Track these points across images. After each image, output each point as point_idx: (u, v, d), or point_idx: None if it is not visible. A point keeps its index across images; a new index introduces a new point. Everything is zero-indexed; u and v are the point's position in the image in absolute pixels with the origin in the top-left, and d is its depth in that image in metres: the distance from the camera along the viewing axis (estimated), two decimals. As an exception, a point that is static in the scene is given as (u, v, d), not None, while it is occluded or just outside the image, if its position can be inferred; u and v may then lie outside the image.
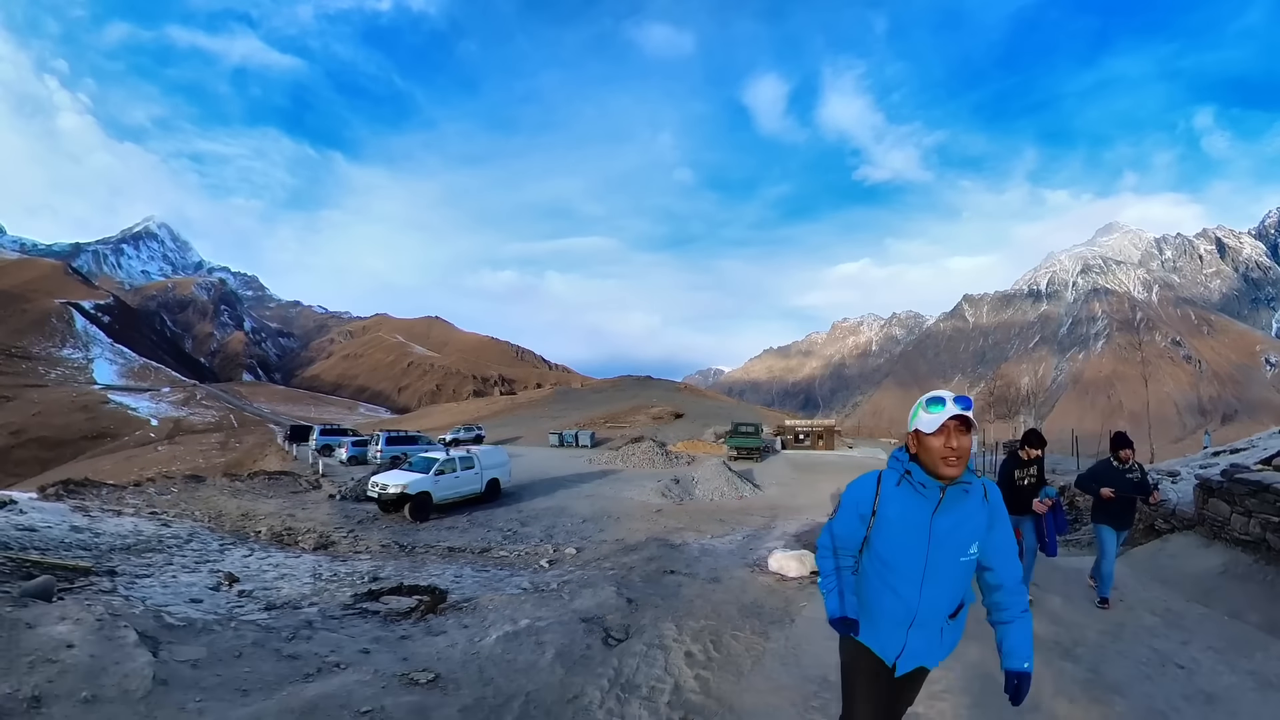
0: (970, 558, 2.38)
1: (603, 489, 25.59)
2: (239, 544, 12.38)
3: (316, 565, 10.68)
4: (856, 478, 2.64)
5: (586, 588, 7.57)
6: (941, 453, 2.29)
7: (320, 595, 8.12)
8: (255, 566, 10.24)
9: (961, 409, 2.30)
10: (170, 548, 10.87)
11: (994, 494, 2.47)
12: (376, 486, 18.61)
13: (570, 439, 48.36)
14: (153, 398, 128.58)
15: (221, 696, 4.12)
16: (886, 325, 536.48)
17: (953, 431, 2.29)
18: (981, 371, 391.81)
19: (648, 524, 18.29)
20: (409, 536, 16.08)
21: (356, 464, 32.39)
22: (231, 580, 8.57)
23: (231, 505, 18.23)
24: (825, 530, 2.67)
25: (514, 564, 12.11)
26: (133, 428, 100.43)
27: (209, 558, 10.58)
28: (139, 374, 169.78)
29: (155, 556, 9.96)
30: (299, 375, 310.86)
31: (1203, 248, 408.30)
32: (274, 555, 11.61)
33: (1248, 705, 4.51)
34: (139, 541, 10.81)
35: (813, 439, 46.01)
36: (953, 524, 2.35)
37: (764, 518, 18.41)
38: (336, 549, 13.57)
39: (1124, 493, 6.17)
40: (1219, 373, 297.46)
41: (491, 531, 17.54)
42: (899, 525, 2.40)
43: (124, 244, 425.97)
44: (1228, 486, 7.30)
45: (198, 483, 22.24)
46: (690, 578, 8.39)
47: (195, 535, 12.34)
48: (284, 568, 10.27)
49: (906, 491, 2.42)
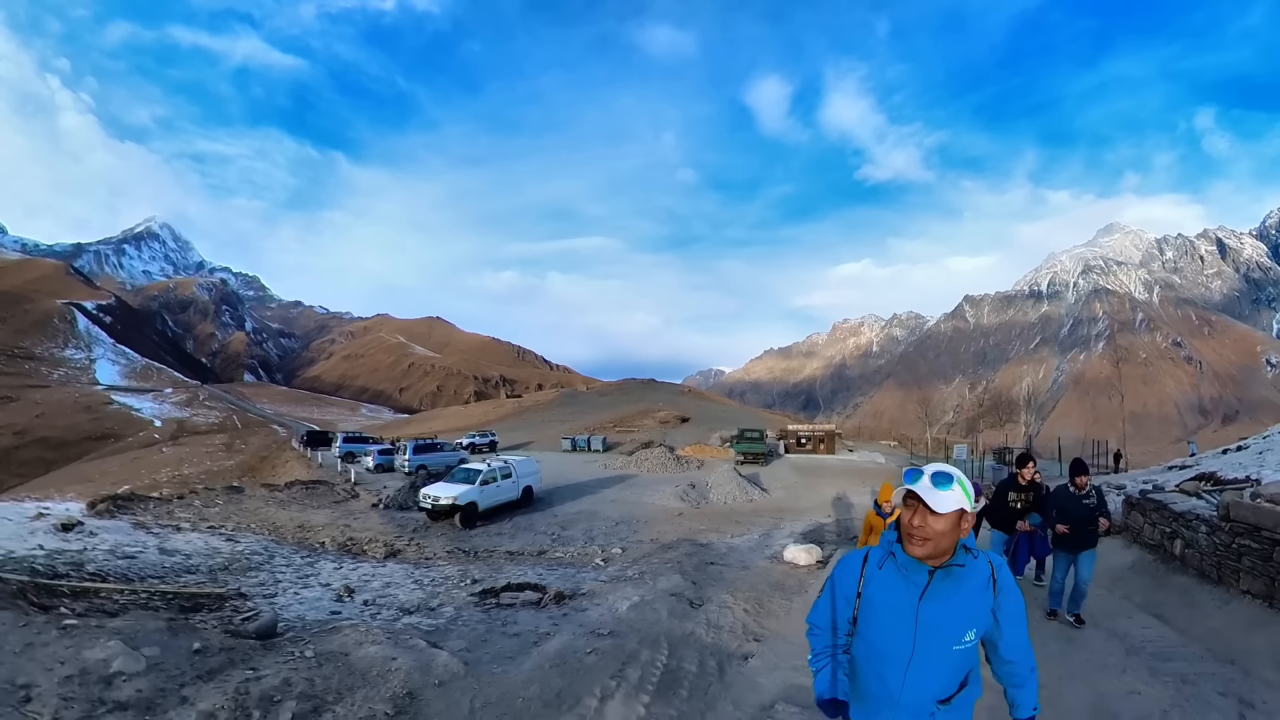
0: (966, 646, 2.19)
1: (624, 494, 26.64)
2: (316, 556, 12.77)
3: (407, 573, 11.36)
4: (844, 555, 2.50)
5: (660, 575, 9.85)
6: (906, 528, 2.15)
7: (437, 597, 9.25)
8: (355, 578, 10.76)
9: (926, 487, 2.11)
10: (264, 565, 11.04)
11: (1003, 576, 2.27)
12: (428, 498, 19.71)
13: (582, 444, 48.98)
14: (155, 398, 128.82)
15: (503, 663, 5.88)
16: (887, 326, 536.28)
17: (918, 509, 2.11)
18: (982, 373, 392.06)
19: (673, 526, 19.73)
20: (466, 542, 17.09)
21: (383, 471, 32.78)
22: (350, 592, 9.22)
23: (284, 517, 18.69)
24: (813, 606, 2.51)
25: (574, 563, 13.65)
26: (136, 429, 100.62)
27: (304, 572, 10.95)
28: (141, 375, 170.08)
29: (259, 575, 10.25)
30: (300, 376, 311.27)
31: (1204, 248, 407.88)
32: (361, 566, 12.08)
33: (1098, 649, 6.26)
34: (230, 561, 10.92)
35: (814, 443, 46.58)
36: (944, 610, 2.16)
37: (773, 519, 20.19)
38: (405, 556, 14.20)
39: (1077, 524, 6.70)
40: (1220, 373, 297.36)
41: (537, 535, 18.76)
42: (884, 610, 2.23)
43: (125, 244, 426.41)
44: (1141, 503, 9.49)
45: (238, 493, 22.43)
46: (727, 567, 10.99)
47: (271, 550, 12.54)
48: (382, 577, 10.88)
49: (891, 574, 2.24)
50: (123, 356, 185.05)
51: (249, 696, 4.35)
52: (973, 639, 2.19)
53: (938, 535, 2.10)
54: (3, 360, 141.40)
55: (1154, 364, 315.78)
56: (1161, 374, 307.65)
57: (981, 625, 2.21)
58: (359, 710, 4.49)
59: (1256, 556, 6.54)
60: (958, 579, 2.17)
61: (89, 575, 8.12)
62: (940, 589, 2.17)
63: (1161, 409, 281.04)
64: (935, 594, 2.16)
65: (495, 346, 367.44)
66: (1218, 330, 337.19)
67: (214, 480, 39.93)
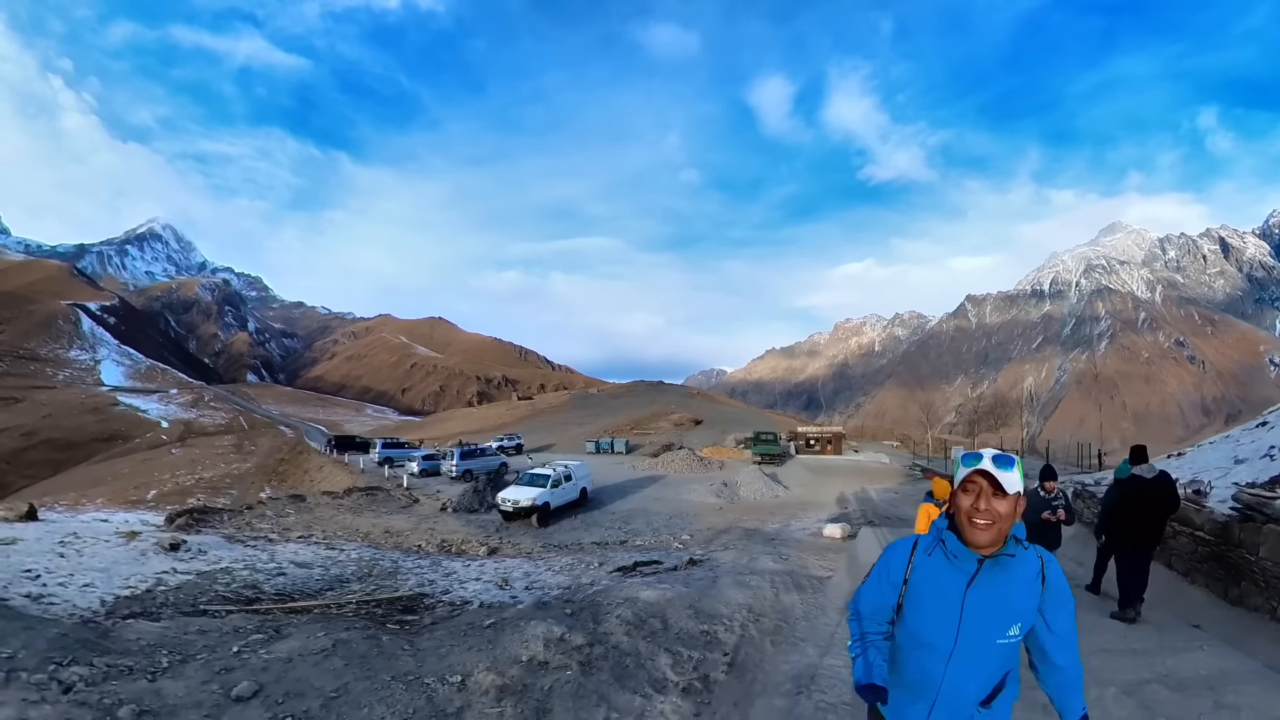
0: (1010, 640, 2.14)
1: (663, 492, 29.19)
2: (433, 559, 13.46)
3: (532, 565, 12.71)
4: (894, 541, 2.44)
5: (750, 553, 12.60)
6: (968, 512, 2.10)
7: (582, 578, 10.67)
8: (492, 571, 11.70)
9: (994, 467, 2.09)
10: (400, 570, 11.42)
11: (1053, 571, 2.20)
12: (508, 501, 21.94)
13: (606, 446, 51.03)
14: (161, 399, 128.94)
15: (709, 588, 8.43)
16: (889, 325, 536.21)
17: (983, 491, 2.08)
18: (984, 372, 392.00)
19: (718, 517, 22.50)
20: (549, 538, 19.23)
21: (427, 476, 33.88)
22: (505, 582, 10.38)
23: (364, 523, 19.61)
24: (856, 592, 2.47)
25: (656, 547, 16.07)
26: (144, 430, 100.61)
27: (443, 571, 11.62)
28: (146, 375, 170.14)
29: (407, 578, 10.73)
30: (303, 376, 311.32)
31: (1206, 247, 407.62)
32: (484, 563, 13.13)
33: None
34: (368, 567, 11.33)
35: (822, 444, 49.81)
36: (991, 600, 2.12)
37: (799, 510, 23.25)
38: (505, 553, 15.56)
39: (1043, 524, 7.81)
40: (1223, 373, 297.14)
41: (608, 530, 21.26)
42: (929, 597, 2.19)
43: (128, 245, 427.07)
44: (1080, 492, 11.95)
45: (301, 501, 22.96)
46: (783, 543, 14.28)
47: (390, 556, 13.00)
48: (516, 570, 12.01)
49: (939, 561, 2.20)
50: (127, 357, 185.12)
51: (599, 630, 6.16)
52: (1017, 634, 2.14)
53: (1001, 518, 2.06)
54: (8, 361, 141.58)
55: (1157, 363, 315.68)
56: (1164, 373, 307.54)
57: (1026, 621, 2.16)
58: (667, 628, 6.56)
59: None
60: (1006, 569, 2.13)
61: (276, 595, 8.46)
62: (988, 578, 2.12)
63: (1164, 408, 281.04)
64: (983, 583, 2.12)
65: (497, 347, 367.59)
66: (1220, 330, 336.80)
67: (237, 484, 40.09)
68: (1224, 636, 6.10)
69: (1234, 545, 6.85)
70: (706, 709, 4.74)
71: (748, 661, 5.85)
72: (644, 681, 5.03)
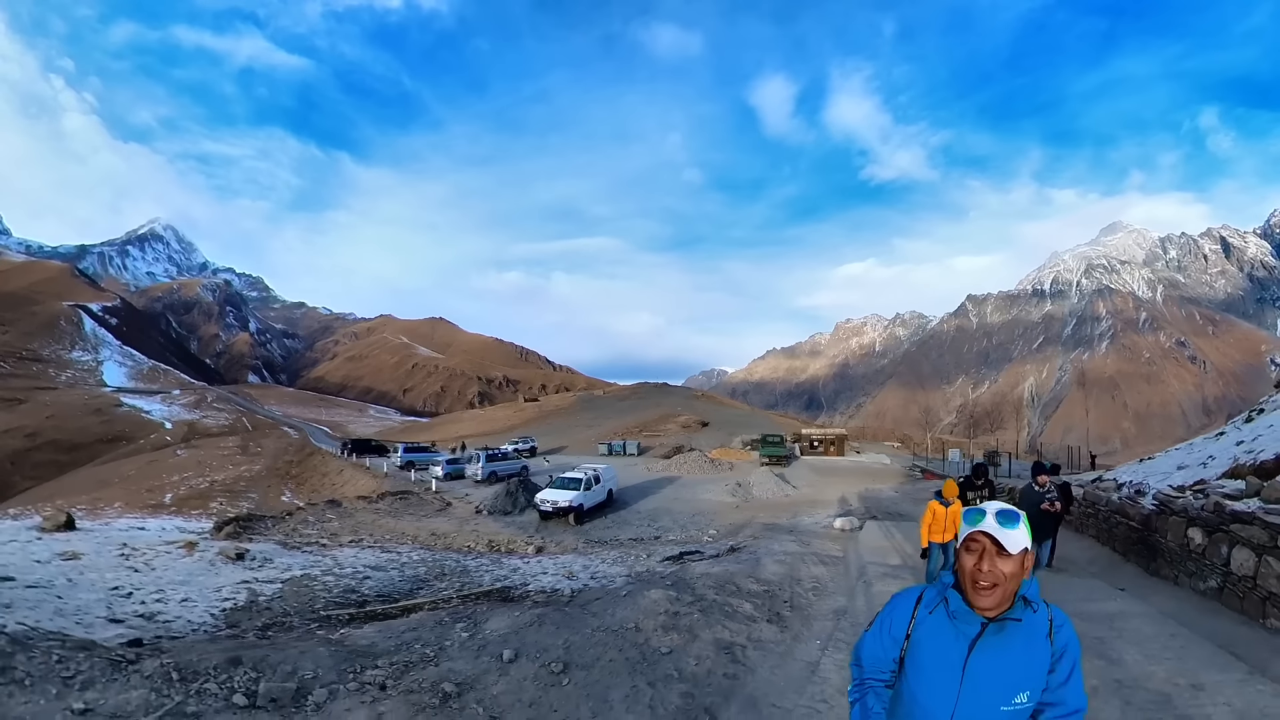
0: (1017, 708, 1.94)
1: (681, 493, 30.55)
2: (486, 558, 14.45)
3: (587, 559, 13.98)
4: (901, 590, 2.29)
5: (778, 542, 14.54)
6: (970, 574, 1.94)
7: (637, 568, 12.04)
8: (555, 566, 12.80)
9: (996, 527, 1.93)
10: (467, 569, 12.17)
11: (1063, 632, 2.02)
12: (546, 503, 23.46)
13: (618, 448, 52.32)
14: (164, 400, 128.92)
15: (757, 566, 10.59)
16: (890, 325, 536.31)
17: (986, 551, 1.92)
18: (985, 372, 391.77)
19: (737, 514, 24.20)
20: (587, 536, 20.55)
21: (452, 479, 34.69)
22: (571, 574, 11.26)
23: (409, 527, 20.58)
24: (859, 640, 2.32)
25: (689, 541, 17.75)
26: (147, 431, 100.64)
27: (510, 567, 12.52)
28: (148, 376, 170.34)
29: (481, 575, 11.59)
30: (304, 376, 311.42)
31: (1207, 247, 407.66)
32: (541, 560, 14.23)
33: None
34: (438, 568, 12.03)
35: (825, 446, 51.41)
36: (995, 666, 1.95)
37: (808, 506, 24.88)
38: (551, 551, 16.62)
39: (1037, 515, 8.73)
40: (1224, 372, 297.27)
41: (638, 527, 22.74)
42: (929, 659, 2.03)
43: (129, 245, 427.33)
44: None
45: (337, 507, 23.51)
46: (801, 534, 16.37)
47: (443, 556, 13.77)
48: (574, 564, 13.16)
49: (941, 620, 2.04)
50: (129, 358, 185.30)
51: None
52: (1025, 703, 1.95)
53: (1005, 580, 1.91)
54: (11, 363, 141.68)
55: (1158, 363, 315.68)
56: (1165, 373, 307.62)
57: (1036, 688, 1.97)
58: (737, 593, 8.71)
59: (1090, 518, 11.80)
60: (1012, 634, 1.97)
61: (378, 596, 9.15)
62: (992, 642, 1.96)
63: (1165, 408, 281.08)
64: (986, 647, 1.96)
65: (498, 347, 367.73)
66: (1222, 329, 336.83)
67: (253, 487, 40.22)
68: (1137, 594, 8.30)
69: (1153, 532, 9.10)
70: (785, 629, 7.40)
71: (800, 604, 8.62)
72: (742, 618, 7.60)
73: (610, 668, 5.59)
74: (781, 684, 5.53)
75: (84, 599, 7.20)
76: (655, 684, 5.30)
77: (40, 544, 10.26)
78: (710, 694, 5.21)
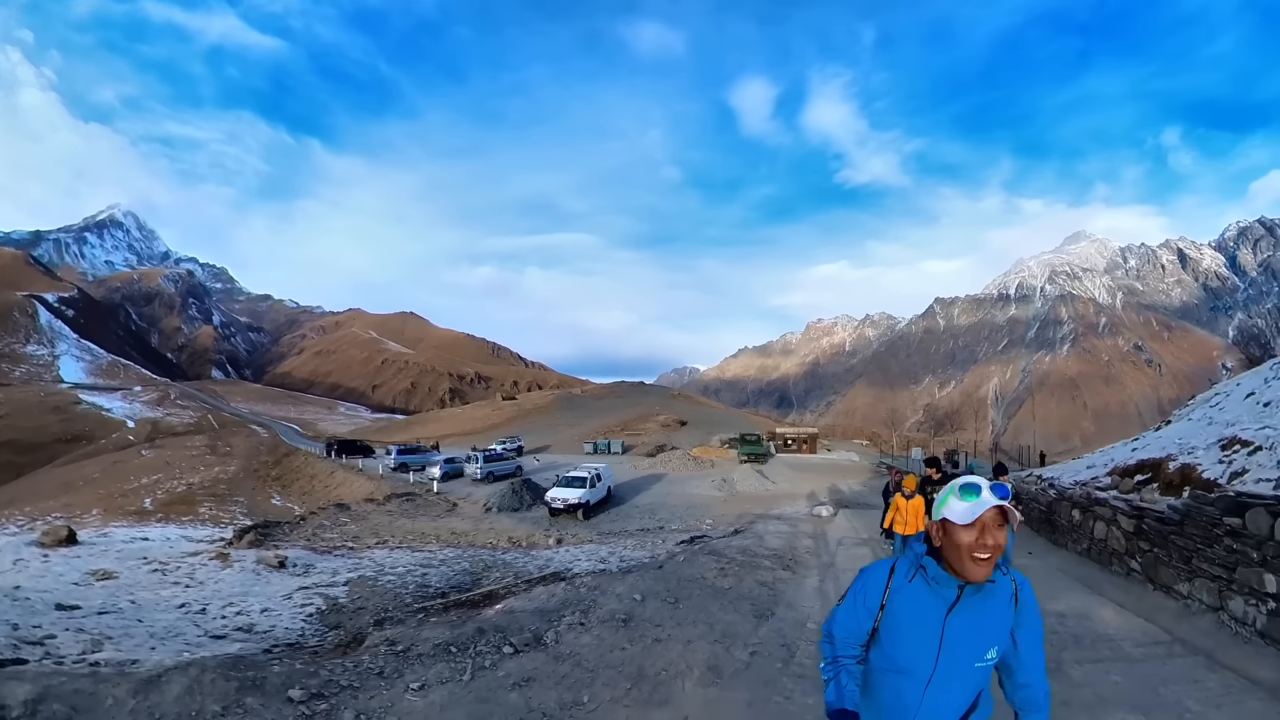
0: (987, 662, 2.13)
1: (671, 488, 32.80)
2: (516, 551, 15.66)
3: (609, 549, 15.49)
4: (870, 564, 2.37)
5: (771, 525, 17.24)
6: (973, 548, 2.02)
7: (657, 552, 13.54)
8: (584, 554, 14.23)
9: (1000, 499, 2.05)
10: (504, 562, 13.06)
11: (1025, 593, 2.20)
12: (557, 500, 25.35)
13: (603, 447, 54.19)
14: (125, 397, 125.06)
15: (767, 543, 13.69)
16: (860, 326, 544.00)
17: (989, 525, 2.02)
18: (952, 372, 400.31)
19: (726, 507, 26.45)
20: (596, 529, 22.23)
21: (449, 479, 35.30)
22: (603, 560, 12.79)
23: (427, 527, 21.68)
24: (831, 615, 2.40)
25: (691, 530, 19.75)
26: (109, 430, 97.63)
27: (540, 560, 13.50)
28: (108, 371, 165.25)
29: (524, 565, 12.67)
30: (270, 372, 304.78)
31: (1165, 258, 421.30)
32: (568, 550, 15.79)
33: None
34: (475, 563, 12.80)
35: (799, 444, 53.40)
36: (970, 625, 2.10)
37: (787, 499, 26.69)
38: (569, 542, 18.16)
39: None
40: (1178, 375, 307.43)
41: (640, 520, 24.63)
42: (908, 624, 2.15)
43: (87, 232, 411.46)
44: None
45: (346, 510, 23.94)
46: (786, 519, 18.75)
47: (475, 552, 14.74)
48: (600, 551, 14.89)
49: (919, 587, 2.16)
50: (88, 352, 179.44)
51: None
52: (993, 657, 2.13)
53: (1001, 549, 2.05)
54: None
55: (1116, 366, 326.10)
56: (1123, 375, 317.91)
57: (1002, 644, 2.15)
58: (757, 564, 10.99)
59: (1016, 505, 11.71)
60: (986, 595, 2.11)
61: (451, 588, 10.09)
62: (969, 605, 2.10)
63: (1123, 409, 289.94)
64: (963, 610, 2.10)
65: (469, 343, 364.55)
66: (1177, 335, 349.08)
67: (237, 490, 39.85)
68: (1040, 556, 11.04)
69: (1053, 513, 12.20)
70: (794, 573, 10.54)
71: (800, 560, 11.78)
72: (765, 568, 10.55)
73: (700, 598, 8.28)
74: (800, 597, 8.94)
75: (167, 619, 7.25)
76: (732, 602, 8.21)
77: (59, 563, 10.02)
78: (763, 604, 8.32)
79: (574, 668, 5.58)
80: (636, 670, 5.63)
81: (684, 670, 5.69)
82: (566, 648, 6.06)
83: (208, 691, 4.45)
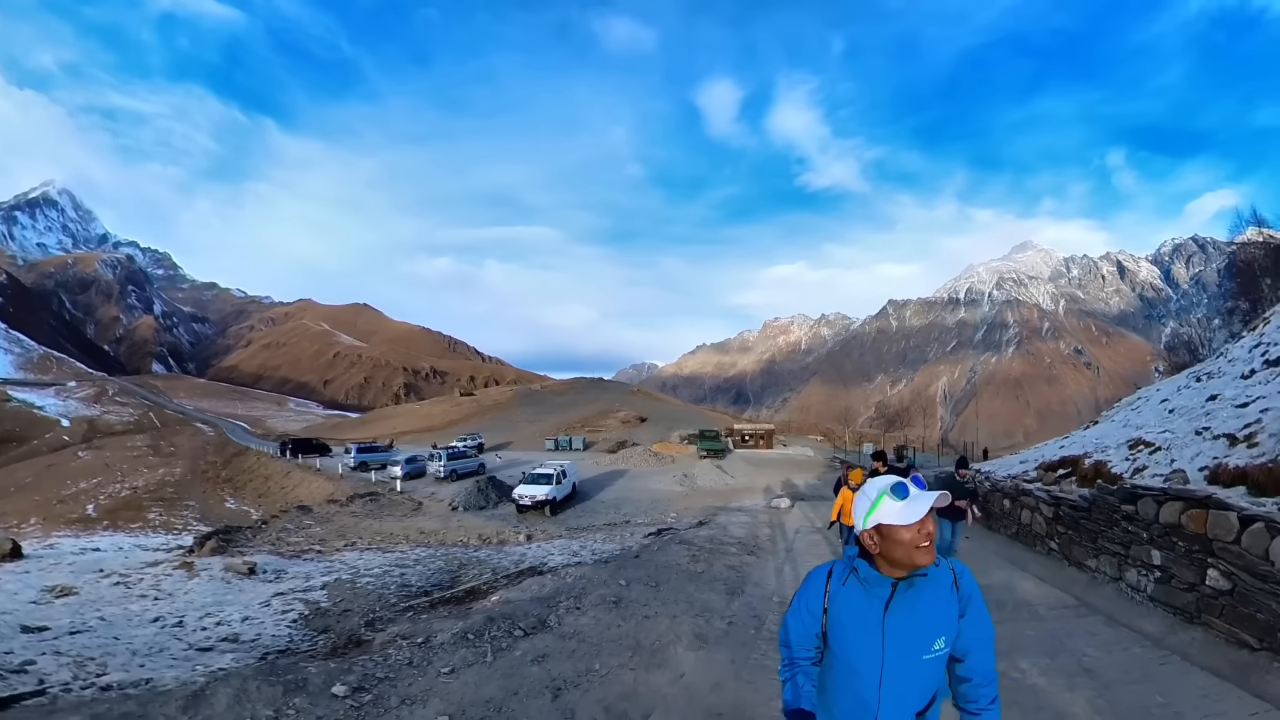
0: (937, 654, 2.15)
1: (634, 484, 33.50)
2: (489, 549, 15.96)
3: (580, 543, 16.08)
4: (812, 569, 2.43)
5: (733, 517, 18.28)
6: (918, 541, 2.08)
7: (628, 544, 14.22)
8: (558, 548, 14.88)
9: (926, 494, 2.14)
10: (481, 559, 13.30)
11: (966, 581, 2.24)
12: (525, 497, 25.46)
13: (565, 444, 54.38)
14: (59, 393, 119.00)
15: (728, 532, 14.68)
16: (816, 325, 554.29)
17: (925, 518, 2.09)
18: (903, 371, 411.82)
19: (688, 500, 27.44)
20: (565, 525, 22.48)
21: (411, 479, 34.82)
22: (574, 553, 13.24)
23: (395, 527, 21.41)
24: (783, 620, 2.44)
25: (657, 522, 20.62)
26: (41, 430, 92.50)
27: (513, 556, 13.75)
28: (39, 365, 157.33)
29: (498, 561, 12.95)
30: (215, 366, 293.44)
31: (1105, 269, 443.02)
32: (540, 545, 16.19)
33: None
34: (449, 562, 12.90)
35: (755, 440, 54.34)
36: (910, 621, 2.14)
37: (745, 492, 28.07)
38: (536, 539, 18.44)
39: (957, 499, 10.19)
40: (1114, 377, 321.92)
41: (607, 514, 25.23)
42: (851, 625, 2.20)
43: (17, 211, 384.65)
44: None
45: (309, 512, 23.43)
46: (746, 511, 19.86)
47: (447, 551, 15.00)
48: (571, 545, 15.51)
49: (854, 589, 2.22)
50: (17, 344, 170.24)
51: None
52: (943, 647, 2.16)
53: (937, 534, 2.18)
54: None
55: (1057, 367, 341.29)
56: (1064, 376, 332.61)
57: (950, 633, 2.17)
58: (722, 552, 11.82)
59: None
60: (921, 588, 2.15)
61: (434, 587, 10.16)
62: (904, 600, 2.15)
63: (1064, 407, 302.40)
64: (899, 606, 2.15)
65: (425, 336, 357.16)
66: (1114, 340, 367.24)
67: (186, 494, 38.56)
68: (976, 540, 11.72)
69: (989, 503, 13.01)
70: (758, 557, 11.55)
71: (762, 547, 12.74)
72: (732, 554, 11.47)
73: (678, 581, 9.11)
74: (764, 577, 9.88)
75: (145, 635, 7.04)
76: (706, 583, 9.10)
77: (9, 580, 9.37)
78: (734, 583, 9.24)
79: (580, 644, 6.35)
80: (634, 642, 6.45)
81: (674, 639, 6.55)
82: (569, 628, 6.79)
83: (255, 698, 4.68)
